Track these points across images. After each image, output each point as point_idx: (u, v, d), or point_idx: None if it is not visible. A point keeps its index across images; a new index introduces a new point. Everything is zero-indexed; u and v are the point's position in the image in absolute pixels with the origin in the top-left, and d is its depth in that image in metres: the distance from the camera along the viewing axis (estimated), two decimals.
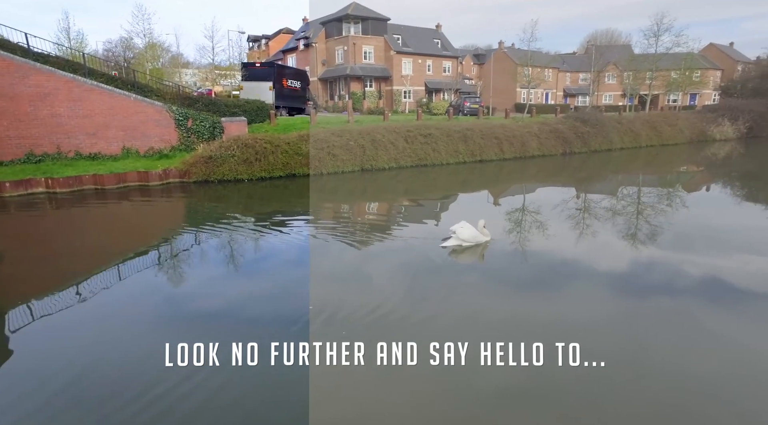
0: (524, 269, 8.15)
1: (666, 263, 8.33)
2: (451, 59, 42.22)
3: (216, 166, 16.52)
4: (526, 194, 16.35)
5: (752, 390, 4.55)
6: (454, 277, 7.61)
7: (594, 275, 7.66)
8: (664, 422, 4.10)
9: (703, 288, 7.12)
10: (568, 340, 5.23)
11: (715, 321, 6.00)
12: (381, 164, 19.02)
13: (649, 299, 6.69)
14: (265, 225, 11.62)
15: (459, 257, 8.64)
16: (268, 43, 53.07)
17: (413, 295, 6.78)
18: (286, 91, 28.29)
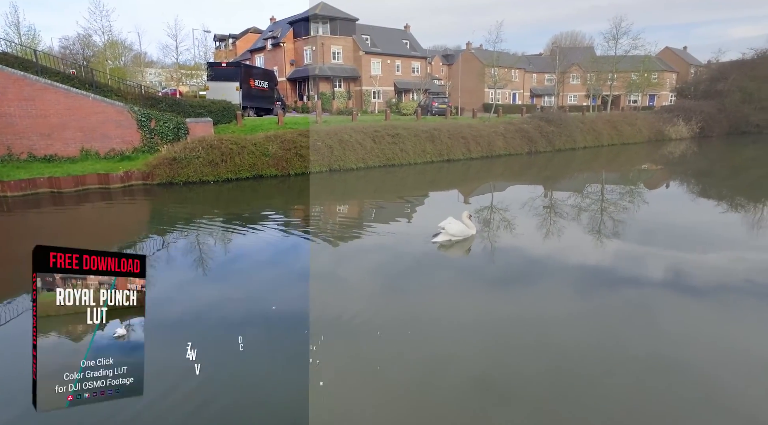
0: (495, 266, 8.27)
1: (631, 257, 8.61)
2: (420, 60, 42.61)
3: (180, 168, 16.19)
4: (494, 193, 16.70)
5: (718, 370, 4.75)
6: (428, 275, 7.68)
7: (563, 271, 7.84)
8: (637, 409, 4.18)
9: (666, 280, 7.37)
10: (541, 334, 5.40)
11: (679, 310, 6.26)
12: (349, 164, 19.06)
13: (617, 292, 6.90)
14: (234, 226, 11.46)
15: (449, 251, 8.85)
16: (235, 42, 52.17)
17: (390, 293, 6.82)
18: (254, 92, 27.94)
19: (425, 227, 10.17)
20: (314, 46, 38.12)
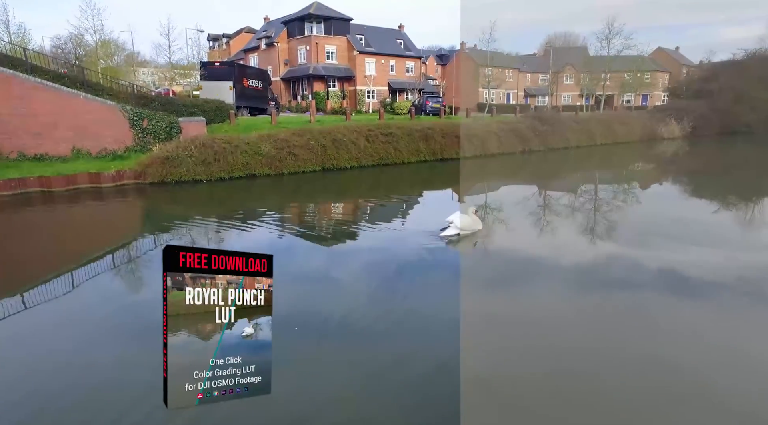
0: (490, 266, 8.26)
1: (625, 256, 8.62)
2: (414, 60, 42.66)
3: (173, 167, 16.10)
4: (488, 193, 16.74)
5: (713, 370, 4.76)
6: (423, 275, 7.65)
7: (558, 271, 7.82)
8: (633, 409, 4.17)
9: (660, 279, 7.39)
10: (537, 335, 5.39)
11: (674, 310, 6.27)
12: (342, 163, 19.06)
13: (612, 292, 6.92)
14: (229, 226, 11.41)
15: (458, 246, 8.96)
16: (229, 42, 52.01)
17: (387, 293, 6.78)
18: (247, 91, 27.88)
19: (421, 227, 10.22)
20: (308, 46, 38.07)
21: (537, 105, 50.95)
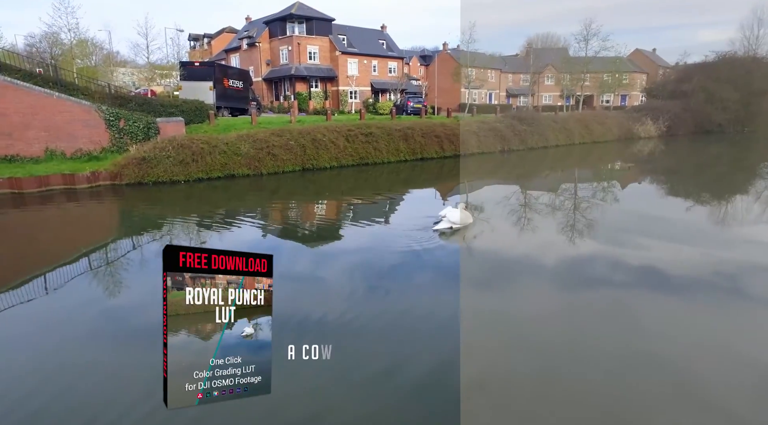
0: (473, 265, 8.31)
1: (605, 254, 8.75)
2: (397, 60, 42.83)
3: (150, 167, 15.98)
4: (470, 192, 16.92)
5: (692, 364, 4.88)
6: (407, 275, 7.65)
7: (540, 269, 7.90)
8: (616, 404, 4.25)
9: (640, 276, 7.52)
10: (521, 332, 5.45)
11: (654, 306, 6.40)
12: (322, 163, 19.12)
13: (593, 289, 7.03)
14: (209, 227, 11.34)
15: (450, 239, 9.16)
16: (210, 42, 51.48)
17: (369, 293, 6.80)
18: (228, 92, 27.71)
19: (403, 227, 10.32)
20: (290, 46, 37.95)
21: (519, 105, 51.58)
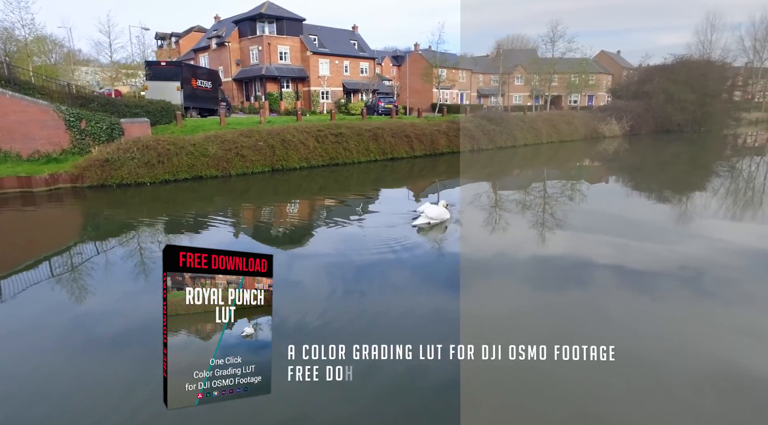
0: (449, 264, 8.32)
1: (575, 252, 8.90)
2: (369, 60, 42.94)
3: (114, 169, 15.62)
4: (440, 191, 17.09)
5: (665, 360, 4.99)
6: (383, 275, 7.63)
7: (512, 268, 8.00)
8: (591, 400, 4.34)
9: (609, 274, 7.68)
10: (494, 334, 5.40)
11: (625, 302, 6.59)
12: (292, 163, 19.07)
13: (564, 286, 7.14)
14: (178, 229, 11.13)
15: (428, 234, 9.39)
16: (178, 41, 50.40)
17: (346, 295, 6.76)
18: (197, 92, 27.26)
19: (376, 227, 10.39)
20: (260, 46, 37.57)
21: (490, 105, 52.46)
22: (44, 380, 4.70)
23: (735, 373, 4.86)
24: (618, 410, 4.28)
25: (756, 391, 4.60)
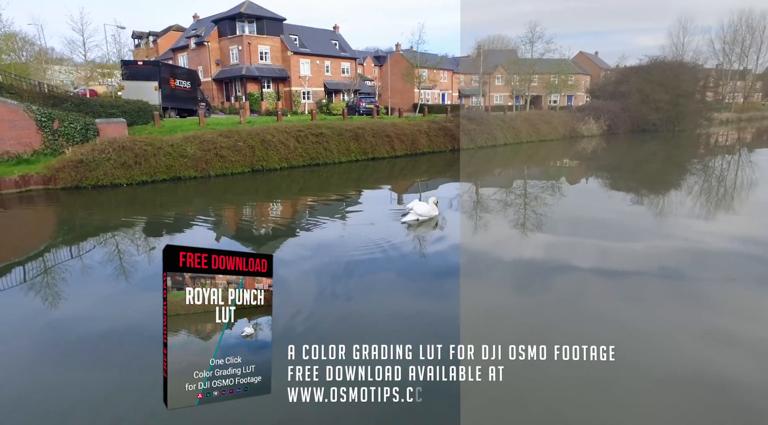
0: (433, 263, 8.32)
1: (557, 249, 8.96)
2: (350, 60, 42.95)
3: (88, 170, 15.32)
4: (422, 192, 17.11)
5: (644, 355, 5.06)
6: (367, 276, 7.57)
7: (496, 265, 8.04)
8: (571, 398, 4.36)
9: (591, 270, 7.76)
10: (494, 334, 5.38)
11: (609, 299, 6.70)
12: (272, 164, 18.98)
13: (548, 284, 7.21)
14: (157, 231, 10.98)
15: (417, 230, 9.50)
16: (156, 40, 49.61)
17: (329, 297, 6.72)
18: (176, 92, 26.95)
19: (359, 228, 10.40)
20: (240, 46, 37.27)
21: (471, 105, 52.97)
22: (17, 390, 4.57)
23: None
24: (618, 410, 4.31)
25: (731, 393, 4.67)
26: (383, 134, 23.24)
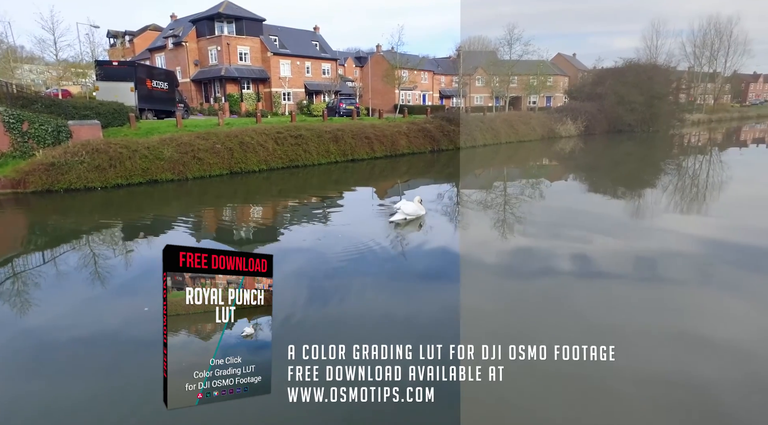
0: (416, 264, 8.36)
1: (537, 248, 9.12)
2: (331, 61, 42.85)
3: (60, 174, 15.01)
4: (406, 191, 17.10)
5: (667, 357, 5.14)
6: (350, 277, 7.56)
7: (478, 265, 8.12)
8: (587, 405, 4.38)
9: (572, 268, 7.92)
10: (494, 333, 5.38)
11: (590, 296, 6.82)
12: (251, 166, 18.86)
13: (529, 282, 7.34)
14: (135, 236, 10.80)
15: (404, 229, 9.63)
16: (132, 40, 48.67)
17: (313, 298, 6.73)
18: (153, 93, 26.52)
19: (339, 230, 10.42)
20: (219, 47, 36.85)
21: (452, 106, 53.40)
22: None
23: None
24: (618, 410, 4.33)
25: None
26: (363, 135, 23.30)
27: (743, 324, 6.13)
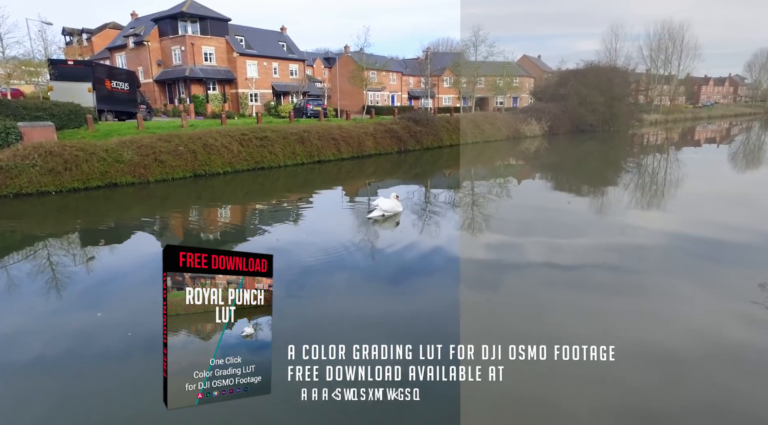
0: (386, 265, 8.35)
1: (507, 247, 9.25)
2: (298, 62, 42.58)
3: (9, 177, 14.40)
4: (376, 192, 17.15)
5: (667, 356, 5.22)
6: (324, 278, 7.56)
7: (447, 265, 8.18)
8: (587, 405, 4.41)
9: (542, 266, 8.05)
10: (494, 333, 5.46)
11: (560, 292, 6.96)
12: (215, 168, 18.59)
13: (500, 281, 7.43)
14: (95, 242, 10.45)
15: (382, 226, 9.84)
16: (90, 38, 46.94)
17: (286, 300, 6.66)
18: (113, 94, 25.75)
19: (310, 231, 10.49)
20: (183, 46, 36.05)
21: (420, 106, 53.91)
22: None
23: None
24: (618, 410, 4.37)
25: None
26: (329, 136, 23.30)
27: (695, 304, 6.62)
